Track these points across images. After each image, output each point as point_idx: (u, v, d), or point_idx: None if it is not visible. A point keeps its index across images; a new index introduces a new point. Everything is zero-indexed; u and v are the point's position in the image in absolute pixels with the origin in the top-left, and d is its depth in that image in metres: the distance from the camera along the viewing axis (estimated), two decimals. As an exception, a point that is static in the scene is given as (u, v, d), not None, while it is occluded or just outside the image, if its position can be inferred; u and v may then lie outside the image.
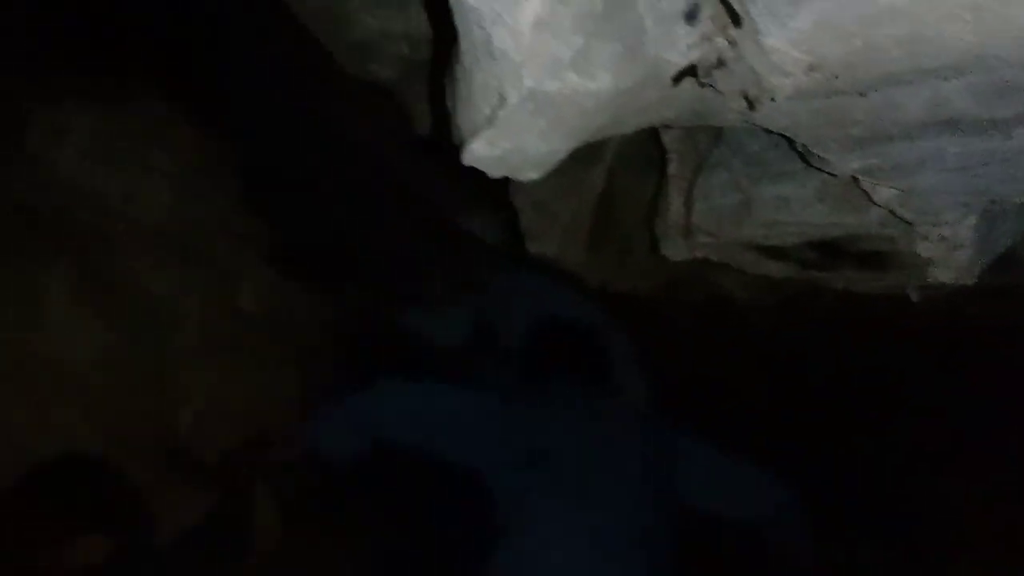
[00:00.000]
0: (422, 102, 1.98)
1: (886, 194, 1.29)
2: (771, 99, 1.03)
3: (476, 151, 1.05)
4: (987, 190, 1.25)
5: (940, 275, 1.46)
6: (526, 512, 1.95)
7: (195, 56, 2.08)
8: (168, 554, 1.60)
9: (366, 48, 1.92)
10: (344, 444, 2.06)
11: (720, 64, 1.04)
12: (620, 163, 2.01)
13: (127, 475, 1.54)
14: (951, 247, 1.40)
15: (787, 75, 0.97)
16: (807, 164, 1.34)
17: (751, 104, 1.07)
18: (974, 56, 0.90)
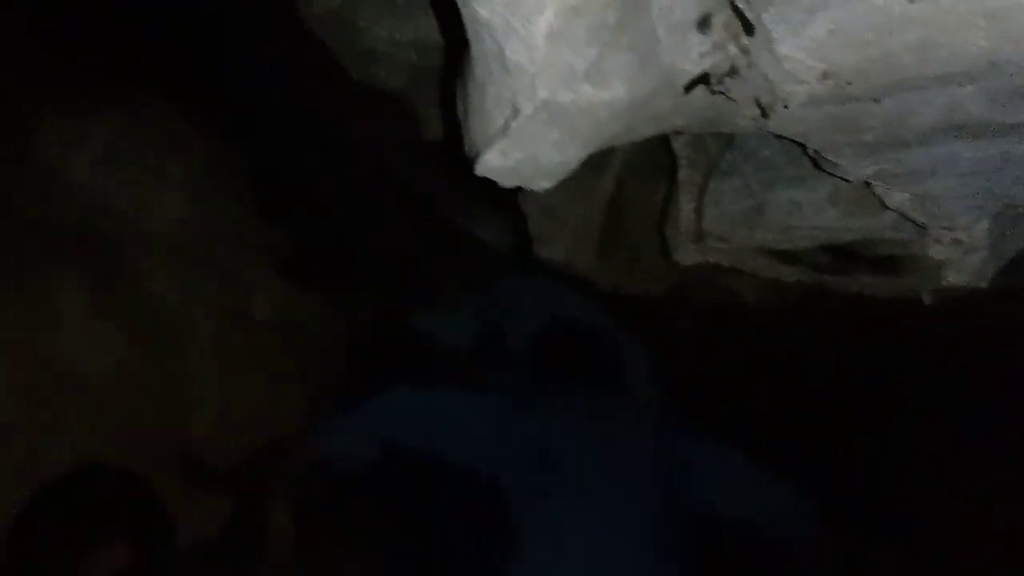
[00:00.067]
0: (432, 109, 1.99)
1: (899, 198, 1.28)
2: (784, 106, 1.03)
3: (489, 162, 1.05)
4: (1001, 193, 1.24)
5: (953, 278, 1.46)
6: (539, 516, 1.95)
7: (206, 65, 2.09)
8: (186, 562, 1.60)
9: (375, 56, 1.93)
10: (356, 450, 2.06)
11: (733, 72, 1.05)
12: (629, 168, 2.01)
13: (145, 484, 1.55)
14: (964, 250, 1.40)
15: (801, 82, 0.98)
16: (819, 169, 1.34)
17: (764, 111, 1.07)
18: (988, 62, 0.90)
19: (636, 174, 2.01)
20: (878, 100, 1.00)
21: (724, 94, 1.08)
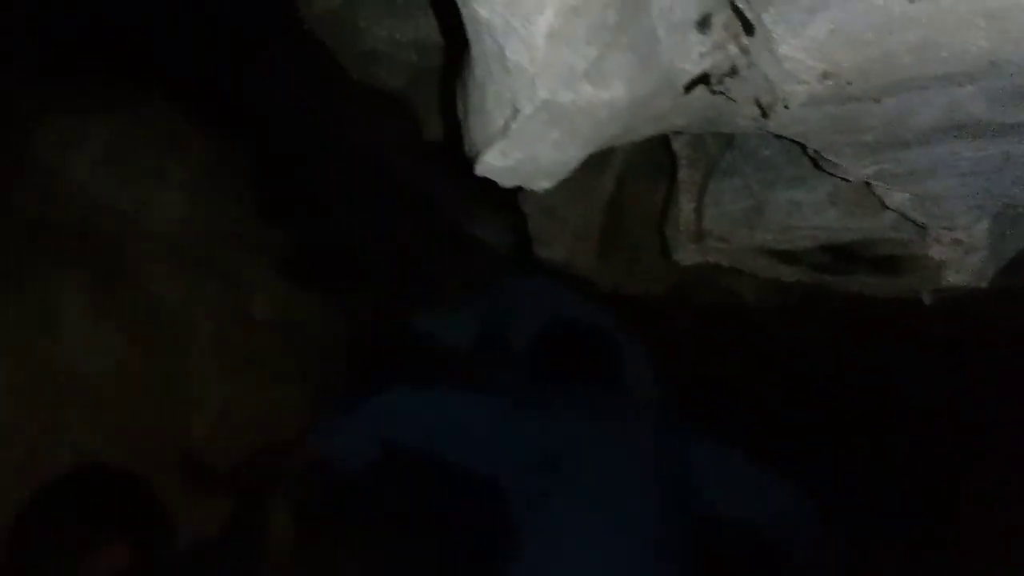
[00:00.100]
0: (432, 109, 1.99)
1: (899, 198, 1.28)
2: (784, 106, 1.03)
3: (489, 162, 1.05)
4: (1001, 193, 1.24)
5: (953, 278, 1.45)
6: (539, 516, 1.95)
7: (206, 66, 2.09)
8: (186, 562, 1.61)
9: (375, 56, 1.93)
10: (356, 450, 2.07)
11: (733, 72, 1.04)
12: (629, 168, 2.01)
13: (146, 484, 1.55)
14: (965, 250, 1.40)
15: (801, 82, 0.97)
16: (819, 169, 1.34)
17: (764, 111, 1.07)
18: (988, 62, 0.90)
19: (636, 174, 2.01)
20: (878, 100, 1.00)
21: (724, 94, 1.08)
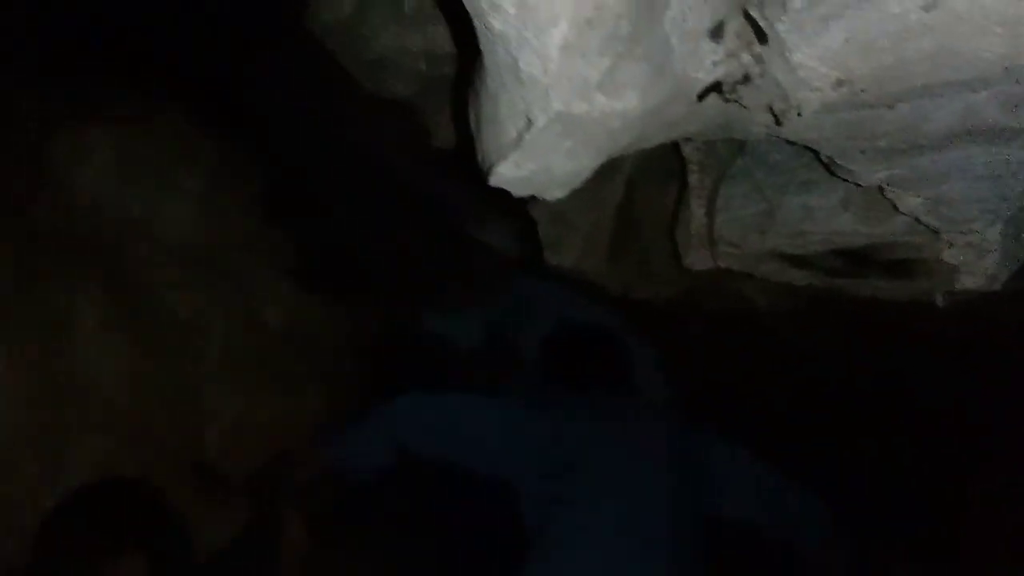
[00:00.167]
0: (441, 117, 1.99)
1: (912, 203, 1.28)
2: (798, 113, 1.03)
3: (503, 173, 1.06)
4: (1014, 197, 1.24)
5: (967, 281, 1.45)
6: (554, 521, 1.94)
7: (217, 75, 2.10)
8: (202, 570, 1.61)
9: (384, 64, 1.94)
10: (369, 457, 2.06)
11: (746, 80, 1.05)
12: (639, 174, 2.02)
13: (161, 494, 1.55)
14: (978, 253, 1.40)
15: (814, 90, 0.98)
16: (831, 174, 1.34)
17: (778, 118, 1.07)
18: (1003, 68, 0.91)
19: (646, 179, 2.01)
20: (892, 106, 1.01)
21: (737, 101, 1.08)
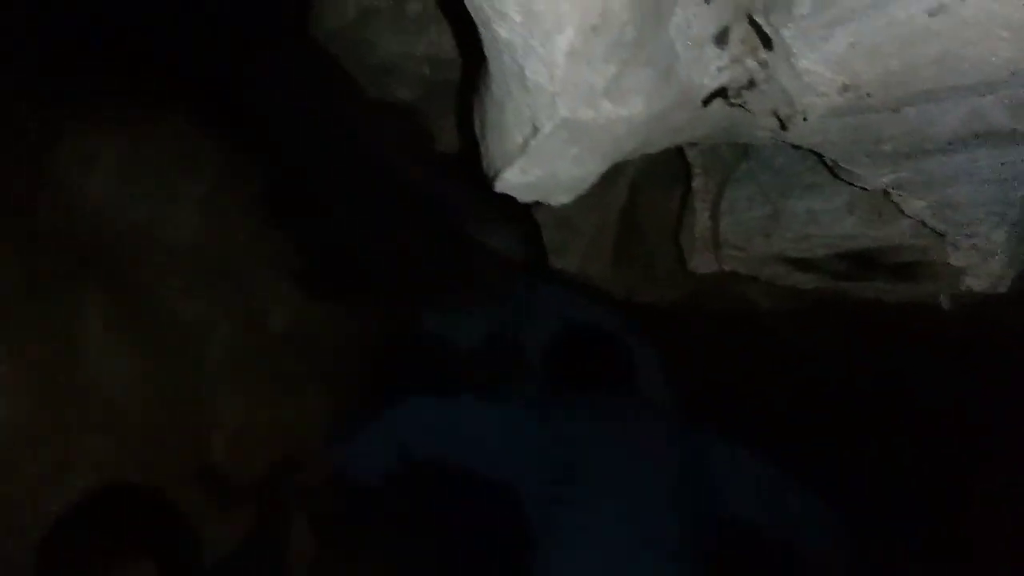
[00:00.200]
0: (445, 122, 1.99)
1: (918, 206, 1.28)
2: (803, 118, 1.03)
3: (509, 179, 1.06)
4: (1021, 200, 1.24)
5: (973, 284, 1.45)
6: (559, 524, 1.94)
7: (219, 79, 2.10)
8: (208, 575, 1.61)
9: (388, 69, 1.94)
10: (373, 461, 2.07)
11: (751, 85, 1.05)
12: (642, 177, 2.01)
13: (168, 500, 1.56)
14: (984, 256, 1.39)
15: (820, 95, 0.98)
16: (836, 177, 1.34)
17: (783, 123, 1.07)
18: (1010, 72, 0.90)
19: (650, 183, 2.01)
20: (898, 111, 1.01)
21: (742, 106, 1.09)
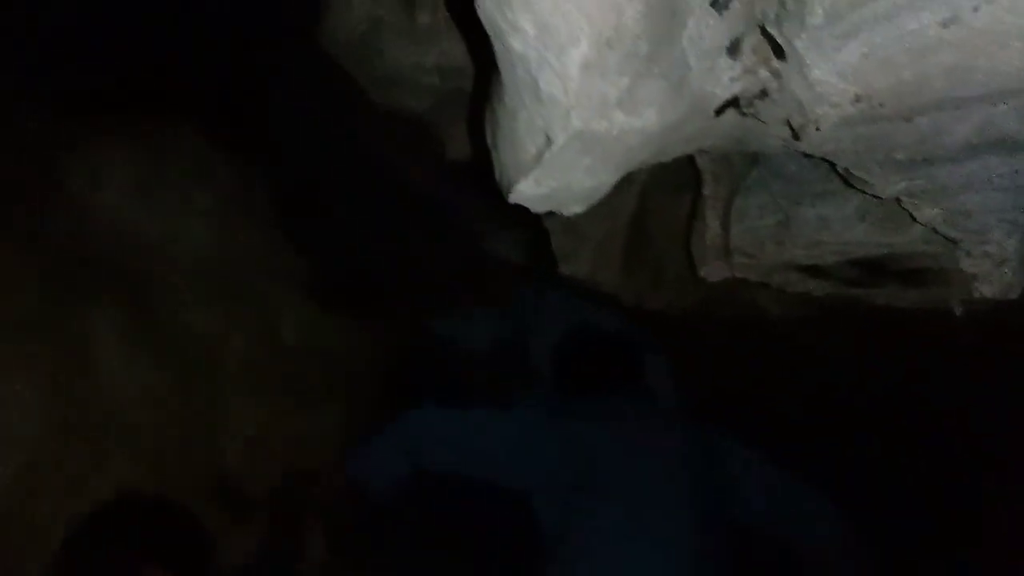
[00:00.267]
0: (455, 131, 2.00)
1: (930, 213, 1.28)
2: (816, 128, 1.03)
3: (524, 191, 1.07)
4: (1034, 206, 1.24)
5: (985, 290, 1.45)
6: (574, 532, 1.94)
7: (232, 95, 2.12)
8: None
9: (399, 80, 1.95)
10: (387, 472, 2.07)
11: (763, 95, 1.05)
12: (652, 185, 2.02)
13: (184, 512, 1.56)
14: (996, 263, 1.39)
15: (833, 105, 0.98)
16: (847, 185, 1.34)
17: (795, 133, 1.08)
18: (1022, 81, 0.91)
19: (659, 190, 2.02)
20: (910, 120, 1.01)
21: (754, 116, 1.09)
